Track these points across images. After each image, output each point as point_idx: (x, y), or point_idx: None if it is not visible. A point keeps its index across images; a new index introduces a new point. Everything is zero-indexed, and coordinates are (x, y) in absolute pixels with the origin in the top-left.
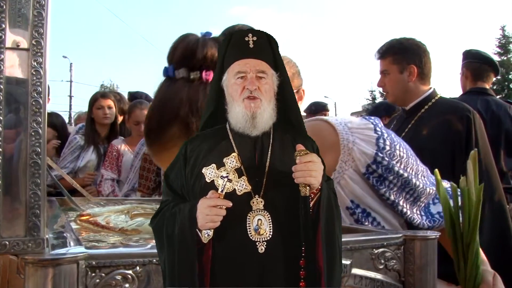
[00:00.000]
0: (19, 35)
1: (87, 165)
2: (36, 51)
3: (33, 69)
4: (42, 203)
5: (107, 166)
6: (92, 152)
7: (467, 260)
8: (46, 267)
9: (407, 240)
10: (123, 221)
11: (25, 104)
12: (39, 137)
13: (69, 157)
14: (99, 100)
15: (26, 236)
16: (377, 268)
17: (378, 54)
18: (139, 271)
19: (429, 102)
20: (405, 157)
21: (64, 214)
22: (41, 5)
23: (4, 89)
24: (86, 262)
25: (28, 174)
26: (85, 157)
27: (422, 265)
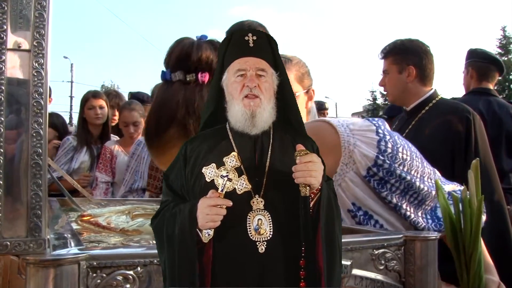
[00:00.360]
0: (21, 36)
1: (80, 166)
2: (38, 52)
3: (34, 70)
4: (43, 204)
5: (101, 169)
6: (85, 153)
7: (469, 270)
8: (47, 267)
9: (408, 240)
10: (124, 222)
11: (27, 105)
12: (40, 138)
13: (63, 159)
14: (90, 100)
15: (27, 236)
16: (378, 268)
17: (381, 54)
18: (140, 272)
19: (430, 103)
20: (408, 160)
21: (65, 214)
22: (42, 7)
23: (5, 90)
24: (87, 262)
25: (30, 174)
26: (78, 158)
27: (422, 265)
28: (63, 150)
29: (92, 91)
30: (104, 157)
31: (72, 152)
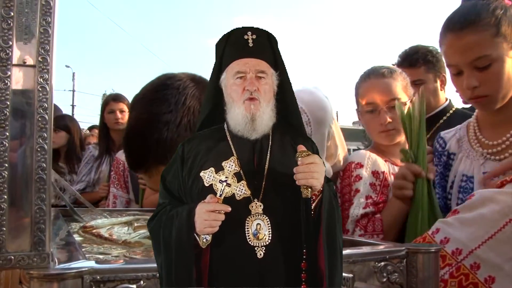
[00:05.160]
0: (26, 52)
1: (100, 176)
2: (42, 68)
3: (39, 86)
4: (47, 218)
5: (116, 184)
6: (105, 162)
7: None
8: (51, 281)
9: (410, 253)
10: (126, 233)
11: (31, 120)
12: (45, 153)
13: (84, 170)
14: (110, 103)
15: (31, 251)
16: (380, 281)
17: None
18: (143, 286)
19: (447, 113)
20: None
21: (67, 225)
22: (48, 22)
23: (10, 105)
24: (91, 276)
25: (34, 189)
26: (98, 168)
27: (425, 278)
28: (84, 160)
29: (113, 94)
30: (118, 171)
31: (92, 162)
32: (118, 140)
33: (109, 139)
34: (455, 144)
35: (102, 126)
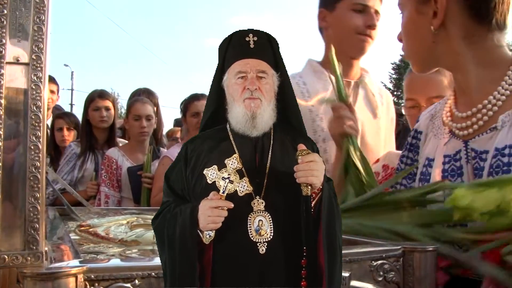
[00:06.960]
0: (19, 50)
1: (84, 175)
2: (36, 66)
3: (32, 83)
4: (41, 217)
5: (107, 183)
6: (89, 160)
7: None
8: (45, 281)
9: (406, 252)
10: (123, 232)
11: (25, 118)
12: (38, 151)
13: (65, 168)
14: (95, 100)
15: (25, 249)
16: (376, 280)
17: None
18: (137, 284)
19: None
20: None
21: (64, 224)
22: (41, 20)
23: (3, 103)
24: (85, 275)
25: (27, 188)
26: (82, 166)
27: (421, 276)
28: (65, 158)
29: (98, 90)
30: (110, 169)
31: (75, 160)
32: (101, 138)
33: (91, 137)
34: (426, 121)
35: (85, 122)
